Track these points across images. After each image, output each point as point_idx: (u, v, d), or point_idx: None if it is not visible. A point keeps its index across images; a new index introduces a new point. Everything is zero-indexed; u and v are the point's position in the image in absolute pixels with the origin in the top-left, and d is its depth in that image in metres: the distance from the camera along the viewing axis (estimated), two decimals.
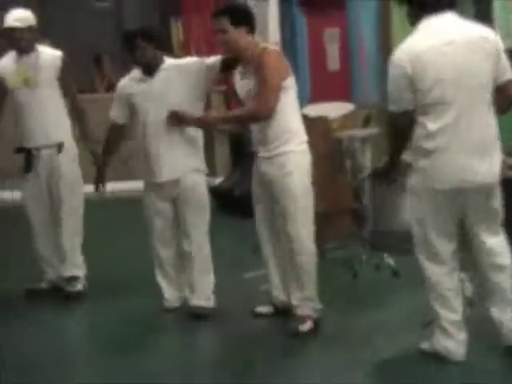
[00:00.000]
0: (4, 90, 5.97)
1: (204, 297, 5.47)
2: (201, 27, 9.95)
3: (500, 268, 4.34)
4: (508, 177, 4.96)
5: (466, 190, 4.21)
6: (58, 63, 5.88)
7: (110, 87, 11.97)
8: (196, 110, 5.30)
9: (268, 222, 5.20)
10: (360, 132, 6.30)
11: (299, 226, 5.00)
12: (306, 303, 5.08)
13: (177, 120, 5.16)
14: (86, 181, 6.06)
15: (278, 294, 5.33)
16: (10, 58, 5.94)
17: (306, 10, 10.67)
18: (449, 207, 4.26)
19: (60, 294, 6.03)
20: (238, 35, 4.92)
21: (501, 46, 4.21)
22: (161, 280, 5.63)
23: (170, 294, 5.63)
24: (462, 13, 4.39)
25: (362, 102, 8.82)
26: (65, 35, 5.93)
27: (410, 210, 4.41)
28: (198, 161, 5.43)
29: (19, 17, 5.76)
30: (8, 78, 5.90)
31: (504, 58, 4.21)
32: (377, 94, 9.73)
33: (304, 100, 10.38)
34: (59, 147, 5.90)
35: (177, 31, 11.13)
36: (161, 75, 5.28)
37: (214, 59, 5.26)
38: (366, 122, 6.72)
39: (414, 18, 4.27)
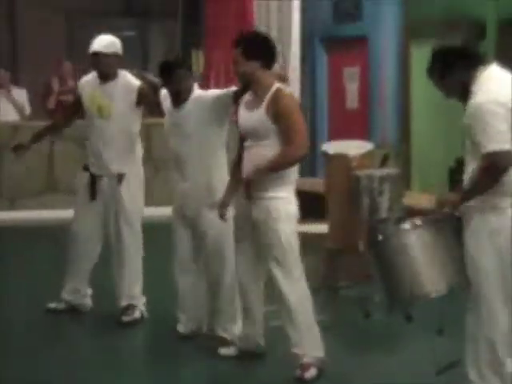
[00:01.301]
0: (78, 105, 5.94)
1: (222, 328, 5.34)
2: (221, 59, 9.91)
3: None
4: None
5: None
6: (134, 95, 5.68)
7: None
8: (217, 141, 5.17)
9: (250, 265, 4.97)
10: (379, 171, 6.14)
11: (288, 270, 4.78)
12: (307, 352, 4.82)
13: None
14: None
15: (247, 341, 5.14)
16: (93, 77, 5.82)
17: (327, 48, 10.67)
18: None
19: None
20: (250, 68, 4.72)
21: None
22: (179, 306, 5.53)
23: (184, 321, 5.49)
24: None
25: (380, 141, 8.74)
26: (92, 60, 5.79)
27: (482, 255, 4.12)
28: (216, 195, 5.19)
29: (103, 43, 5.66)
30: (85, 98, 5.82)
31: None
32: (394, 135, 9.65)
33: (322, 136, 10.43)
34: (120, 178, 5.73)
35: (197, 61, 11.13)
36: (188, 106, 5.18)
37: (227, 90, 5.13)
38: (384, 162, 6.58)
39: (462, 76, 4.16)
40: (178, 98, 5.20)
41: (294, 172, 4.91)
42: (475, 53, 4.27)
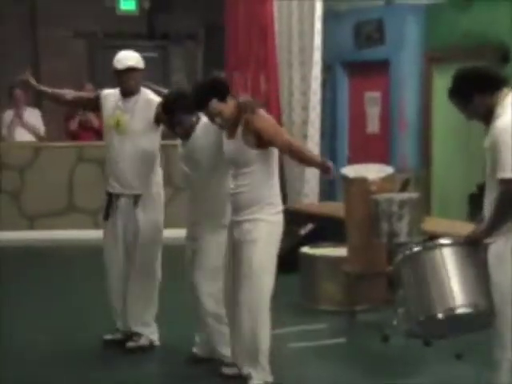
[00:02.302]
0: (90, 102, 5.92)
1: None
2: (242, 79, 9.95)
3: None
4: None
5: None
6: (152, 112, 5.58)
7: None
8: (223, 167, 5.17)
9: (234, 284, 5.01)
10: (399, 195, 6.16)
11: (253, 291, 4.80)
12: (257, 373, 4.84)
13: None
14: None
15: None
16: (115, 92, 5.73)
17: (348, 72, 10.72)
18: None
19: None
20: (219, 109, 4.84)
21: None
22: None
23: (198, 343, 5.47)
24: None
25: (400, 166, 8.74)
26: (114, 81, 5.80)
27: (507, 279, 4.11)
28: (219, 218, 5.23)
29: (135, 59, 5.62)
30: (105, 111, 5.74)
31: None
32: (415, 159, 9.67)
33: (342, 160, 10.45)
34: (136, 198, 5.64)
35: None
36: (194, 137, 5.25)
37: None
38: (404, 187, 6.61)
39: (484, 100, 4.19)
40: (181, 135, 5.30)
41: (276, 195, 4.95)
42: (498, 75, 4.29)
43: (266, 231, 4.85)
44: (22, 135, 10.26)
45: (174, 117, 5.22)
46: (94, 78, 11.49)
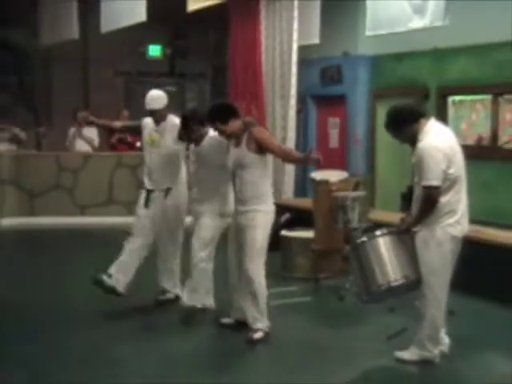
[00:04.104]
0: (135, 128, 6.13)
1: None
2: (242, 107, 9.96)
3: None
4: None
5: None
6: (176, 131, 5.66)
7: None
8: (222, 169, 5.19)
9: (237, 257, 5.04)
10: (352, 193, 6.25)
11: (255, 263, 4.87)
12: (258, 321, 4.93)
13: None
14: None
15: (239, 312, 5.16)
16: (151, 120, 5.87)
17: (316, 103, 10.78)
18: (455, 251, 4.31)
19: None
20: (228, 128, 4.90)
21: None
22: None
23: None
24: None
25: (354, 172, 8.81)
26: (143, 108, 5.91)
27: (432, 259, 4.23)
28: (218, 206, 5.32)
29: (155, 100, 5.69)
30: (144, 133, 5.89)
31: None
32: (364, 167, 9.75)
33: (311, 167, 10.46)
34: (167, 191, 5.74)
35: None
36: (203, 145, 5.35)
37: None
38: (356, 187, 6.68)
39: (411, 128, 4.28)
40: (194, 141, 5.39)
41: (270, 190, 5.00)
42: (418, 110, 4.38)
43: (263, 219, 4.90)
44: (81, 146, 10.27)
45: (189, 127, 5.31)
46: (129, 106, 11.50)
